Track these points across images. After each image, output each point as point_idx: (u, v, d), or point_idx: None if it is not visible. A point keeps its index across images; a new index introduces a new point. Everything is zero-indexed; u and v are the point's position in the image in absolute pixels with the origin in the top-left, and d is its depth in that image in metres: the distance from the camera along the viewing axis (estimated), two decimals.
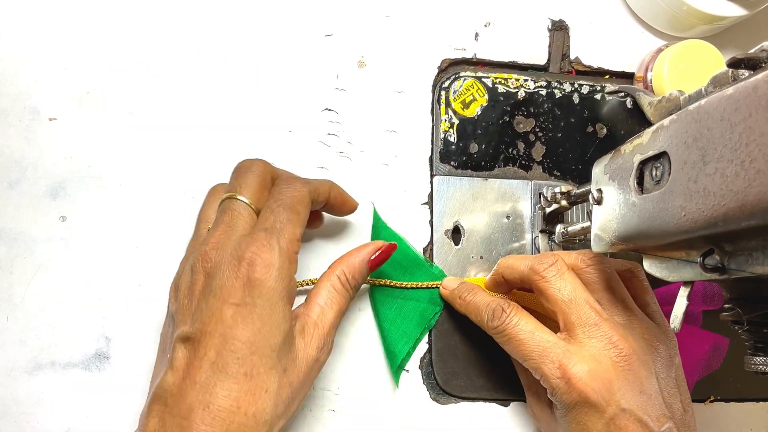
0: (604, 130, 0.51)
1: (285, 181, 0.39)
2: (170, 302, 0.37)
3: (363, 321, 0.46)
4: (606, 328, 0.36)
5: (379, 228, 0.46)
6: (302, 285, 0.44)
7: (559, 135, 0.50)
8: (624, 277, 0.41)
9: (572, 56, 0.52)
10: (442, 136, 0.49)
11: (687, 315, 0.44)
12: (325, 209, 0.42)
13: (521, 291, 0.44)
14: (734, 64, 0.30)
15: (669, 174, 0.31)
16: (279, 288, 0.34)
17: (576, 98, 0.51)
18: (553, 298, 0.38)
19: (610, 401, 0.35)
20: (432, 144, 0.49)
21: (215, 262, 0.34)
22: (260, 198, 0.37)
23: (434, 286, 0.46)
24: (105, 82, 0.45)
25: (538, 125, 0.50)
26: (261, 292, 0.33)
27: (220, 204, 0.38)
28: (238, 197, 0.37)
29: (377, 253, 0.41)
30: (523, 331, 0.38)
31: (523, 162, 0.49)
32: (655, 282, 0.37)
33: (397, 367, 0.45)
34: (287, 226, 0.36)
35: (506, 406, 0.47)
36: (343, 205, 0.42)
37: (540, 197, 0.48)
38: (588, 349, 0.36)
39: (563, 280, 0.38)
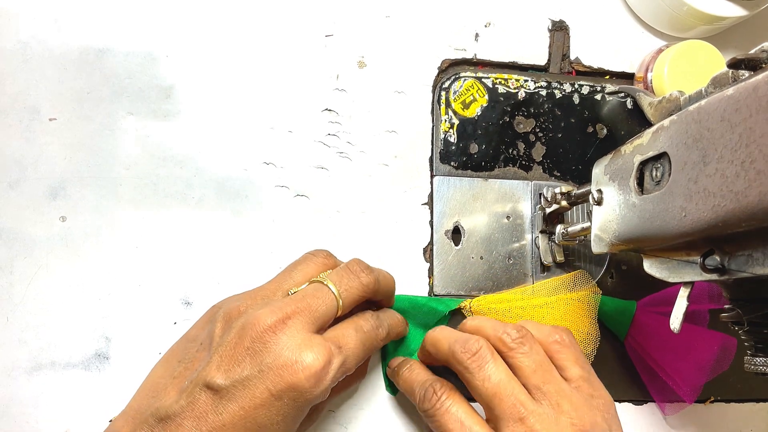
0: (605, 131, 0.51)
1: (392, 315, 0.41)
2: (218, 319, 0.35)
3: None
4: (532, 422, 0.35)
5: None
6: None
7: (560, 135, 0.50)
8: (552, 350, 0.39)
9: (572, 57, 0.52)
10: (443, 136, 0.49)
11: (693, 315, 0.45)
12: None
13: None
14: (734, 64, 0.30)
15: (669, 175, 0.31)
16: (312, 400, 0.33)
17: (576, 99, 0.51)
18: (477, 391, 0.36)
19: None
20: (432, 144, 0.49)
21: (278, 342, 0.33)
22: (345, 291, 0.37)
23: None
24: (105, 82, 0.45)
25: (539, 126, 0.50)
26: (297, 397, 0.32)
27: (314, 281, 0.37)
28: (331, 287, 0.36)
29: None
30: (452, 419, 0.36)
31: (524, 162, 0.49)
32: (658, 283, 0.37)
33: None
34: (353, 357, 0.36)
35: None
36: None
37: (540, 198, 0.48)
38: None
39: (487, 371, 0.36)
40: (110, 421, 0.35)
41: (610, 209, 0.37)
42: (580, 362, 0.39)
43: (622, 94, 0.51)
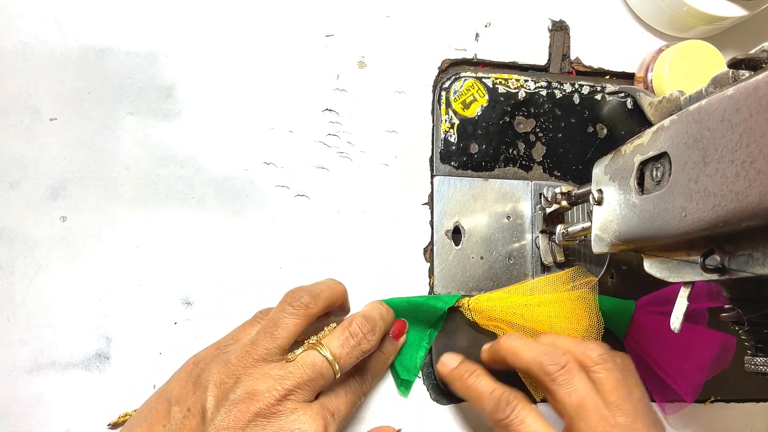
0: (605, 131, 0.51)
1: (375, 362, 0.42)
2: (209, 387, 0.35)
3: None
4: None
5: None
6: None
7: (560, 135, 0.50)
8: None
9: (572, 57, 0.52)
10: (443, 136, 0.49)
11: (692, 314, 0.45)
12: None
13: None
14: (735, 64, 0.30)
15: (669, 174, 0.31)
16: None
17: (576, 98, 0.51)
18: (561, 402, 0.38)
19: None
20: (432, 144, 0.49)
21: (280, 416, 0.34)
22: (344, 359, 0.37)
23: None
24: (105, 82, 0.45)
25: (539, 126, 0.50)
26: None
27: (307, 346, 0.37)
28: (328, 357, 0.36)
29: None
30: (528, 430, 0.37)
31: (524, 162, 0.49)
32: (658, 283, 0.37)
33: (404, 380, 0.45)
34: (344, 419, 0.37)
35: None
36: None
37: (540, 198, 0.48)
38: None
39: (573, 385, 0.37)
40: None
41: (611, 209, 0.37)
42: (640, 386, 0.41)
43: (623, 94, 0.51)
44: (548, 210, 0.47)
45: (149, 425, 0.35)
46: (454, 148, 0.49)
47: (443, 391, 0.46)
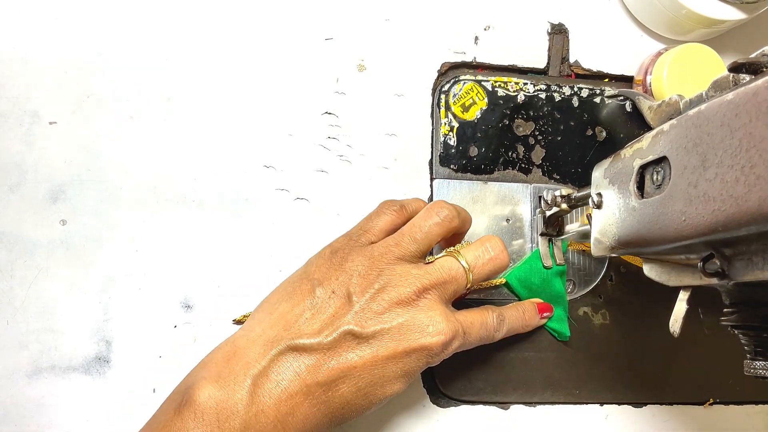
0: (604, 134, 0.51)
1: (516, 317, 0.44)
2: (355, 275, 0.38)
3: None
4: None
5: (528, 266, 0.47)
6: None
7: (559, 138, 0.50)
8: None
9: (572, 60, 0.52)
10: (442, 139, 0.49)
11: None
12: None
13: None
14: (735, 68, 0.30)
15: (669, 179, 0.31)
16: (428, 364, 0.38)
17: (575, 102, 0.51)
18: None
19: None
20: (432, 147, 0.49)
21: (418, 309, 0.37)
22: (477, 270, 0.40)
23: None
24: (105, 85, 0.45)
25: (538, 128, 0.50)
26: (420, 358, 0.37)
27: (447, 254, 0.40)
28: (464, 264, 0.39)
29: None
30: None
31: (523, 165, 0.49)
32: (657, 286, 0.37)
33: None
34: (467, 345, 0.40)
35: (506, 409, 0.47)
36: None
37: (540, 200, 0.48)
38: None
39: None
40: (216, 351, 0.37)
41: (610, 213, 0.37)
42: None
43: (622, 98, 0.51)
44: (548, 213, 0.47)
45: (295, 302, 0.38)
46: (453, 151, 0.49)
47: (443, 393, 0.46)
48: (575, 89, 0.51)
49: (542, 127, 0.50)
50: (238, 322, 0.44)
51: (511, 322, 0.43)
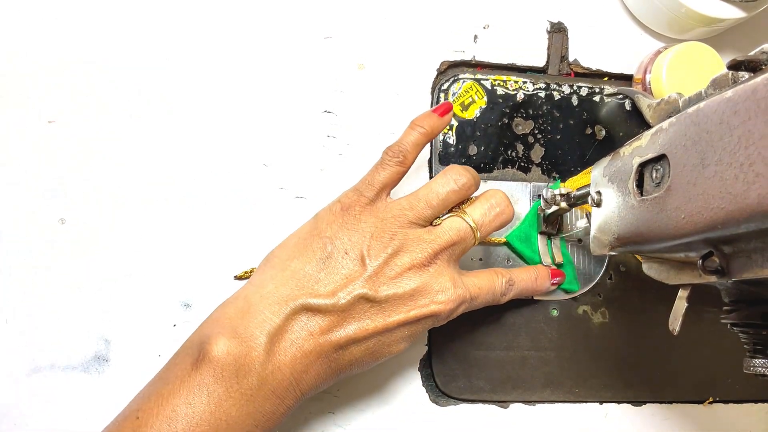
0: (603, 132, 0.51)
1: (526, 277, 0.44)
2: (368, 237, 0.38)
3: None
4: None
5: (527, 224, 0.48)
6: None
7: (558, 137, 0.50)
8: None
9: (571, 58, 0.52)
10: (441, 138, 0.49)
11: None
12: None
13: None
14: (734, 66, 0.30)
15: (668, 177, 0.31)
16: (433, 326, 0.39)
17: (575, 100, 0.51)
18: None
19: None
20: (431, 146, 0.49)
21: (430, 274, 0.38)
22: (484, 227, 0.41)
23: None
24: (105, 84, 0.45)
25: (537, 127, 0.50)
26: (428, 322, 0.38)
27: (453, 213, 0.40)
28: (471, 223, 0.40)
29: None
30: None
31: (522, 164, 0.49)
32: (657, 284, 0.37)
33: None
34: (474, 307, 0.41)
35: (506, 408, 0.47)
36: None
37: (539, 199, 0.48)
38: None
39: None
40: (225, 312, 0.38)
41: (609, 211, 0.37)
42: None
43: (621, 96, 0.51)
44: (547, 211, 0.47)
45: (307, 259, 0.38)
46: (452, 149, 0.49)
47: (442, 392, 0.46)
48: (574, 88, 0.51)
49: (541, 125, 0.50)
50: (239, 278, 0.45)
51: (520, 286, 0.43)
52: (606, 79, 0.52)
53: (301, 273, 0.37)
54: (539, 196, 0.48)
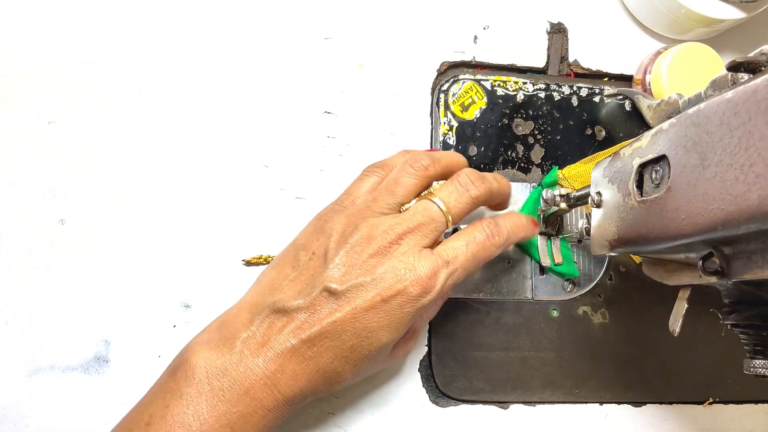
0: (603, 133, 0.51)
1: (513, 220, 0.42)
2: (332, 234, 0.38)
3: None
4: None
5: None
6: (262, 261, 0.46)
7: (558, 137, 0.50)
8: None
9: (571, 59, 0.52)
10: (441, 138, 0.49)
11: None
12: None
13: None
14: (734, 67, 0.30)
15: (668, 177, 0.31)
16: (418, 308, 0.37)
17: (575, 101, 0.51)
18: None
19: None
20: (431, 146, 0.49)
21: (391, 257, 0.37)
22: (454, 206, 0.39)
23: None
24: (105, 84, 0.45)
25: (537, 128, 0.50)
26: (403, 303, 0.37)
27: (423, 197, 0.39)
28: (439, 204, 0.39)
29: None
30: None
31: (522, 164, 0.49)
32: (657, 285, 0.37)
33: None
34: (462, 269, 0.38)
35: (505, 408, 0.47)
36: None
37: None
38: None
39: None
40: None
41: (610, 211, 0.37)
42: None
43: (621, 97, 0.51)
44: (547, 212, 0.47)
45: (280, 268, 0.39)
46: (452, 150, 0.49)
47: (442, 392, 0.46)
48: (574, 88, 0.51)
49: (541, 126, 0.50)
50: (248, 263, 0.46)
51: (512, 225, 0.41)
52: (606, 79, 0.52)
53: (274, 281, 0.39)
54: (539, 184, 0.48)
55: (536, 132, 0.50)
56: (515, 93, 0.50)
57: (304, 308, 0.36)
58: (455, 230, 0.45)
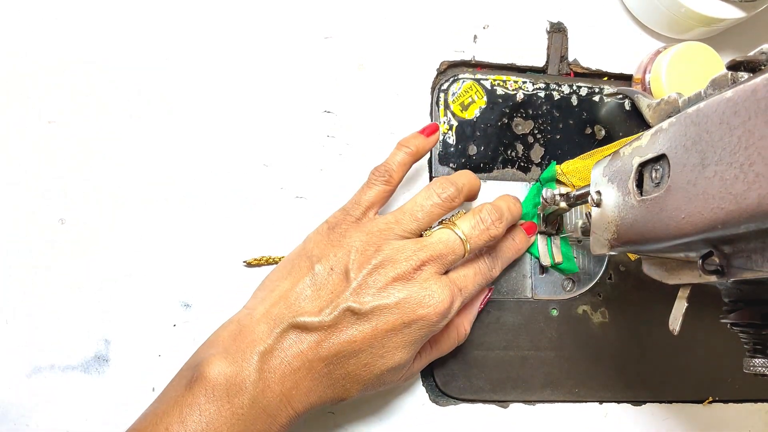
0: (603, 132, 0.51)
1: (507, 249, 0.45)
2: (353, 252, 0.38)
3: None
4: None
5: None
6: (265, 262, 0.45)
7: (558, 137, 0.50)
8: None
9: (571, 58, 0.52)
10: (441, 138, 0.49)
11: None
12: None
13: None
14: (733, 66, 0.30)
15: (668, 177, 0.31)
16: (433, 331, 0.39)
17: (574, 100, 0.51)
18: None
19: None
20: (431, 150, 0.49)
21: (414, 283, 0.38)
22: (474, 241, 0.40)
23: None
24: (105, 84, 0.45)
25: (537, 127, 0.50)
26: (422, 326, 0.38)
27: (443, 226, 0.41)
28: (461, 235, 0.40)
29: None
30: None
31: (522, 164, 0.49)
32: (657, 284, 0.37)
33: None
34: (469, 296, 0.41)
35: (505, 407, 0.47)
36: None
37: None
38: None
39: None
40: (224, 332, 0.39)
41: (609, 211, 0.37)
42: None
43: (621, 96, 0.51)
44: (546, 211, 0.47)
45: (295, 279, 0.39)
46: (452, 149, 0.49)
47: (442, 392, 0.46)
48: (574, 88, 0.51)
49: (541, 125, 0.50)
50: (249, 264, 0.45)
51: (504, 254, 0.44)
52: (606, 79, 0.52)
53: (289, 293, 0.38)
54: (537, 180, 0.48)
55: (536, 131, 0.50)
56: (515, 92, 0.50)
57: (326, 326, 0.36)
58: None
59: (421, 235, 0.40)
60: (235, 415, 0.34)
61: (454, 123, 0.49)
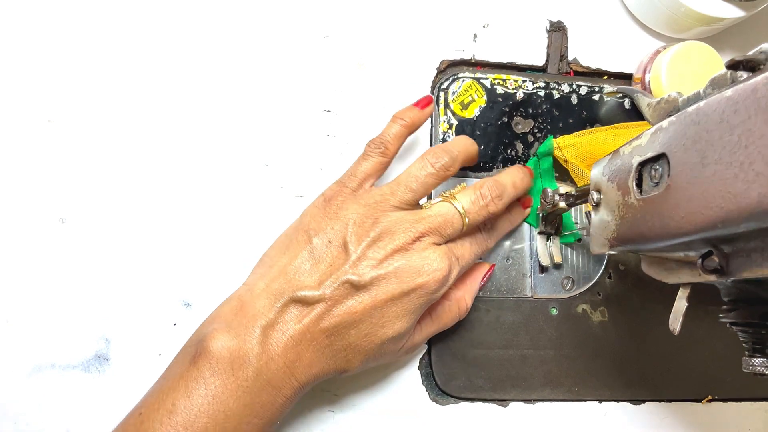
0: None
1: (503, 221, 0.46)
2: (350, 225, 0.38)
3: None
4: None
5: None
6: None
7: (558, 136, 0.50)
8: None
9: (570, 57, 0.52)
10: (441, 136, 0.49)
11: None
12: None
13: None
14: (733, 65, 0.30)
15: (668, 176, 0.31)
16: (432, 299, 0.39)
17: (574, 99, 0.51)
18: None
19: None
20: (431, 145, 0.49)
21: (413, 253, 0.38)
22: (473, 216, 0.41)
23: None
24: (104, 84, 0.45)
25: (537, 126, 0.50)
26: (421, 295, 0.38)
27: (443, 198, 0.41)
28: (460, 209, 0.40)
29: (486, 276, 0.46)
30: None
31: (522, 163, 0.49)
32: (656, 283, 0.37)
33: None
34: (467, 266, 0.42)
35: (505, 406, 0.47)
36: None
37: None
38: None
39: None
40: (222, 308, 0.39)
41: (609, 210, 0.37)
42: None
43: (620, 95, 0.51)
44: (546, 211, 0.47)
45: (293, 254, 0.39)
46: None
47: (442, 390, 0.46)
48: (574, 87, 0.51)
49: (541, 124, 0.50)
50: None
51: (500, 225, 0.45)
52: (605, 78, 0.52)
53: (288, 267, 0.38)
54: (534, 154, 0.49)
55: (536, 130, 0.50)
56: (515, 91, 0.50)
57: (326, 299, 0.37)
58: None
59: (420, 207, 0.41)
60: (240, 388, 0.35)
61: (454, 122, 0.49)
